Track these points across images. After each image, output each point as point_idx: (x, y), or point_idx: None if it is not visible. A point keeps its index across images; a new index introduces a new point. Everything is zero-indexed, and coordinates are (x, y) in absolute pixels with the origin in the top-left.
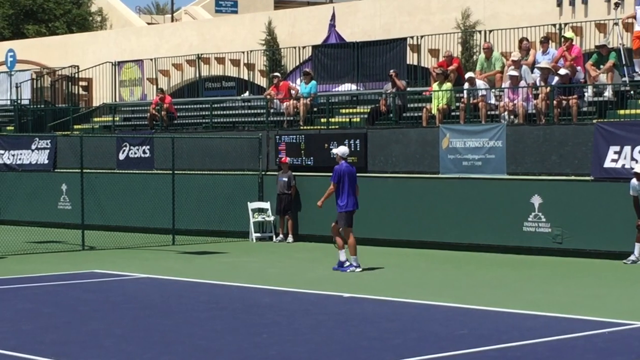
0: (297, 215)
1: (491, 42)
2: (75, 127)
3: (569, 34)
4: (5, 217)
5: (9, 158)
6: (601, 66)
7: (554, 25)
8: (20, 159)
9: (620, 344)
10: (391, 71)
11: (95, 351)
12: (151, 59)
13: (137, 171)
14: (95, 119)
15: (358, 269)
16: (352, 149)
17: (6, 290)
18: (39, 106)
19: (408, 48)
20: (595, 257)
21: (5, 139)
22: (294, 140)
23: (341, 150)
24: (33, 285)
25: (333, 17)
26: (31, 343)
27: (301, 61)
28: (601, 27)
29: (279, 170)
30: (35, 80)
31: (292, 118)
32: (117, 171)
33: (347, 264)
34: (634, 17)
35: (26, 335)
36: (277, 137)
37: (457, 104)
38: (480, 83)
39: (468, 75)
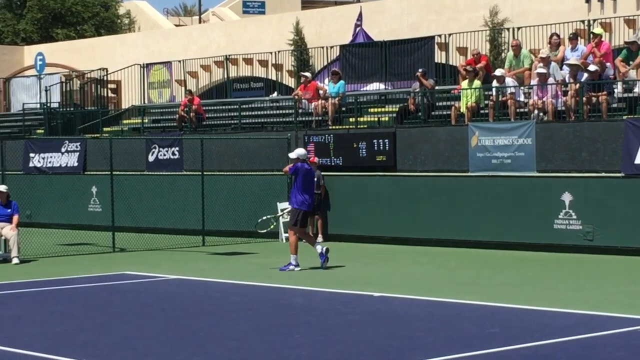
0: (326, 215)
1: (519, 39)
2: (105, 129)
3: (598, 30)
4: (36, 220)
5: (39, 161)
6: (631, 62)
7: (583, 21)
8: (50, 162)
9: None
10: (418, 71)
11: (127, 353)
12: (179, 61)
13: (166, 173)
14: (125, 121)
15: (297, 268)
16: (381, 148)
17: (38, 292)
18: (68, 109)
19: (436, 46)
20: (627, 254)
21: (36, 142)
22: (322, 140)
23: (297, 152)
24: (64, 288)
25: (360, 16)
26: (63, 345)
27: (329, 61)
28: (630, 22)
29: None
30: (64, 84)
31: (320, 118)
32: (147, 173)
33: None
34: None
35: (58, 337)
36: (306, 137)
37: (486, 102)
38: (509, 80)
39: (497, 72)
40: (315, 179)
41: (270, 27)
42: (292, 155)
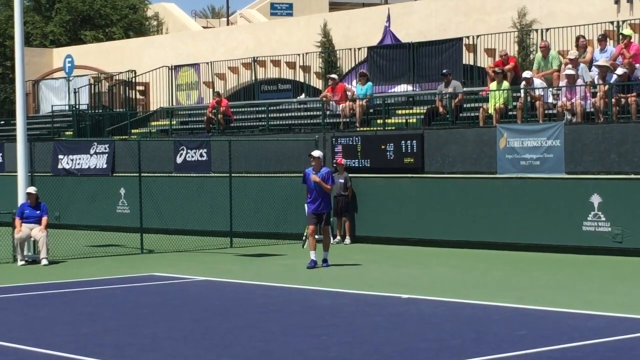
0: (354, 217)
1: (548, 40)
2: (133, 131)
3: (627, 31)
4: (65, 222)
5: (68, 163)
6: None
7: (612, 22)
8: (79, 164)
9: None
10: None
11: (155, 354)
12: (207, 63)
13: (194, 174)
14: (153, 123)
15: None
16: (409, 150)
17: (66, 293)
18: (96, 111)
19: (464, 48)
20: None
21: (64, 144)
22: (350, 142)
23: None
24: (93, 289)
25: (388, 18)
26: (91, 346)
27: (357, 63)
28: None
29: (335, 171)
30: (92, 86)
31: (348, 119)
32: (175, 175)
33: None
34: None
35: (86, 338)
36: (334, 138)
37: (514, 104)
38: (537, 82)
39: (525, 74)
40: (343, 181)
41: (297, 29)
42: (319, 154)
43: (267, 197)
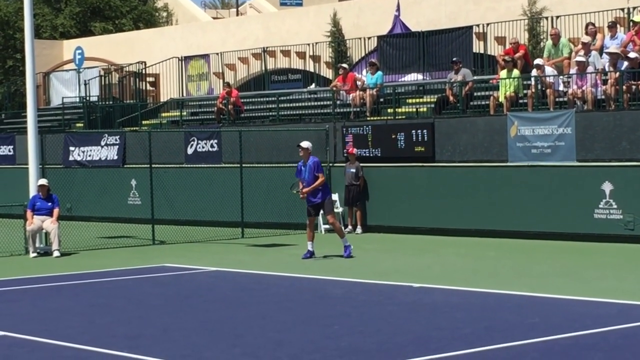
0: (365, 206)
1: (558, 28)
2: (144, 122)
3: (637, 17)
4: (76, 213)
5: (79, 155)
6: None
7: (622, 9)
8: (90, 156)
9: None
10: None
11: (167, 344)
12: (217, 54)
13: (205, 165)
14: (163, 114)
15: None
16: (419, 139)
17: (79, 285)
18: (107, 103)
19: (474, 36)
20: None
21: (75, 136)
22: (361, 132)
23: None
24: (105, 280)
25: (398, 7)
26: (104, 337)
27: (367, 52)
28: None
29: (346, 161)
30: (103, 77)
31: (358, 109)
32: (186, 166)
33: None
34: None
35: (99, 329)
36: (344, 128)
37: (525, 92)
38: (548, 70)
39: (537, 61)
40: (354, 170)
41: (307, 18)
42: (309, 145)
43: (278, 187)
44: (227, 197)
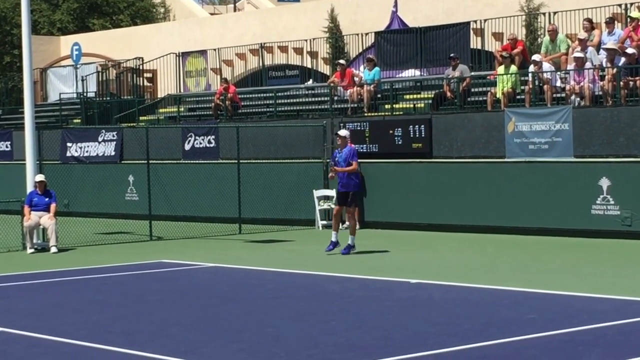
0: (362, 202)
1: (556, 24)
2: (141, 118)
3: (635, 13)
4: (73, 209)
5: (76, 150)
6: None
7: (620, 5)
8: (87, 152)
9: None
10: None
11: (164, 340)
12: (214, 49)
13: (202, 161)
14: (161, 110)
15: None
16: (417, 135)
17: (76, 281)
18: (104, 98)
19: (471, 32)
20: None
21: (72, 132)
22: (358, 127)
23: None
24: (102, 276)
25: (395, 2)
26: (101, 333)
27: (364, 48)
28: None
29: None
30: (100, 73)
31: (356, 105)
32: (183, 161)
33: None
34: None
35: (96, 325)
36: (342, 124)
37: (522, 88)
38: (545, 66)
39: (535, 57)
40: None
41: (305, 14)
42: (346, 133)
43: (275, 183)
44: (224, 193)
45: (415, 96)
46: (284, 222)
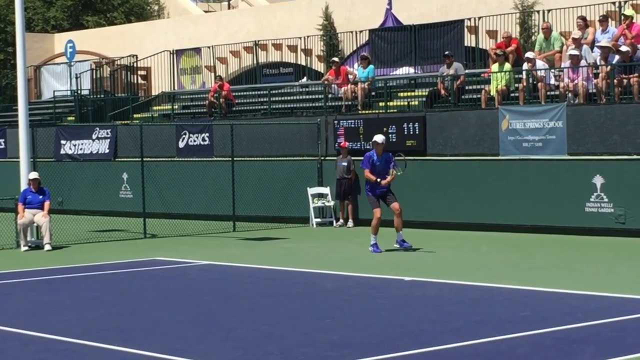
0: (357, 200)
1: (550, 21)
2: (135, 116)
3: (629, 11)
4: (67, 207)
5: (70, 148)
6: None
7: (614, 3)
8: (81, 149)
9: None
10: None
11: (159, 338)
12: (209, 47)
13: (196, 159)
14: (155, 108)
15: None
16: (411, 133)
17: (70, 278)
18: (98, 96)
19: (466, 30)
20: None
21: (67, 130)
22: (352, 125)
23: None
24: (96, 274)
25: (390, 0)
26: (96, 330)
27: (358, 45)
28: None
29: (338, 155)
30: (94, 71)
31: (350, 103)
32: (177, 159)
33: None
34: None
35: (91, 323)
36: (336, 122)
37: (516, 85)
38: (539, 63)
39: (528, 54)
40: (346, 164)
41: (299, 12)
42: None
43: (269, 181)
44: (218, 190)
45: (409, 94)
46: (278, 219)
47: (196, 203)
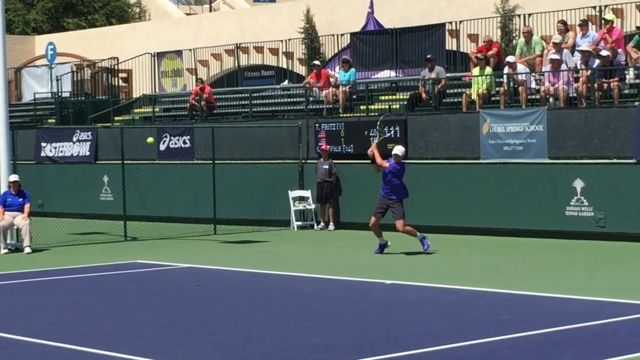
0: (338, 203)
1: (531, 26)
2: (116, 118)
3: (609, 16)
4: (48, 210)
5: (50, 150)
6: None
7: (594, 7)
8: (61, 152)
9: None
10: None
11: (139, 341)
12: (190, 50)
13: (177, 161)
14: (136, 110)
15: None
16: (392, 136)
17: (50, 281)
18: (79, 98)
19: (447, 33)
20: (639, 241)
21: (47, 132)
22: (333, 128)
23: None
24: (77, 277)
25: (371, 4)
26: (75, 334)
27: (340, 49)
28: None
29: (319, 158)
30: (75, 73)
31: (331, 106)
32: (158, 162)
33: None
34: None
35: (70, 325)
36: (317, 125)
37: (497, 89)
38: (520, 67)
39: (509, 59)
40: (327, 167)
41: (281, 15)
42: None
43: (250, 184)
44: (199, 193)
45: (390, 97)
46: (259, 222)
47: (177, 206)
